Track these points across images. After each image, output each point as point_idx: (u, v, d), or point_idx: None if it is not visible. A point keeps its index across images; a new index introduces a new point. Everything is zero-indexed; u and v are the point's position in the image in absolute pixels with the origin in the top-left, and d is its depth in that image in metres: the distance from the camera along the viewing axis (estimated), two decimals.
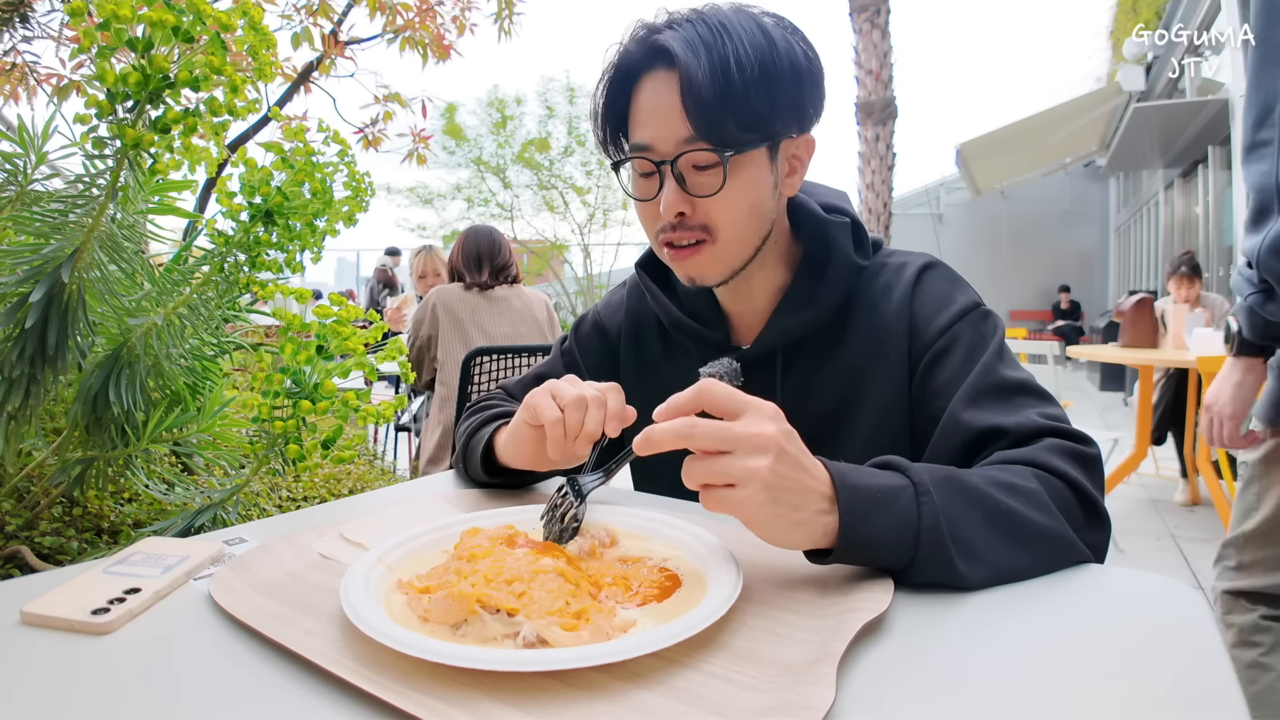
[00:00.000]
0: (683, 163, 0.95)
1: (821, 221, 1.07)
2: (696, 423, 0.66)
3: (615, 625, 0.61)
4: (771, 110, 0.94)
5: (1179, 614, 0.65)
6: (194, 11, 0.99)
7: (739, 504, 0.65)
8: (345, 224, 1.26)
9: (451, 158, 13.83)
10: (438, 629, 0.61)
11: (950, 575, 0.69)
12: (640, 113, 0.97)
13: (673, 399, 0.69)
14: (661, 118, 0.94)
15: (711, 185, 0.95)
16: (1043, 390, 0.95)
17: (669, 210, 0.96)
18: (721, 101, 0.91)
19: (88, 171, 1.05)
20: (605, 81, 1.00)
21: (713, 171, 0.95)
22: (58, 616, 0.63)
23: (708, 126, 0.92)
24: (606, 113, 1.01)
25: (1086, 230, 17.04)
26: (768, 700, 0.51)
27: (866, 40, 8.42)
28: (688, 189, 0.96)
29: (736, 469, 0.65)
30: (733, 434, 0.66)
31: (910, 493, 0.72)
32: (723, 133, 0.93)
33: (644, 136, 0.97)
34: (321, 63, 3.12)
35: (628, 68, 0.98)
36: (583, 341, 1.28)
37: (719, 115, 0.91)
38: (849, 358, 1.05)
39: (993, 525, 0.72)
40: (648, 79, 0.96)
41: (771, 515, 0.66)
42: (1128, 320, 4.86)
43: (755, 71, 0.91)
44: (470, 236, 3.44)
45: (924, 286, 1.05)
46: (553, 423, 0.89)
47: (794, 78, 0.95)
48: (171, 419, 1.22)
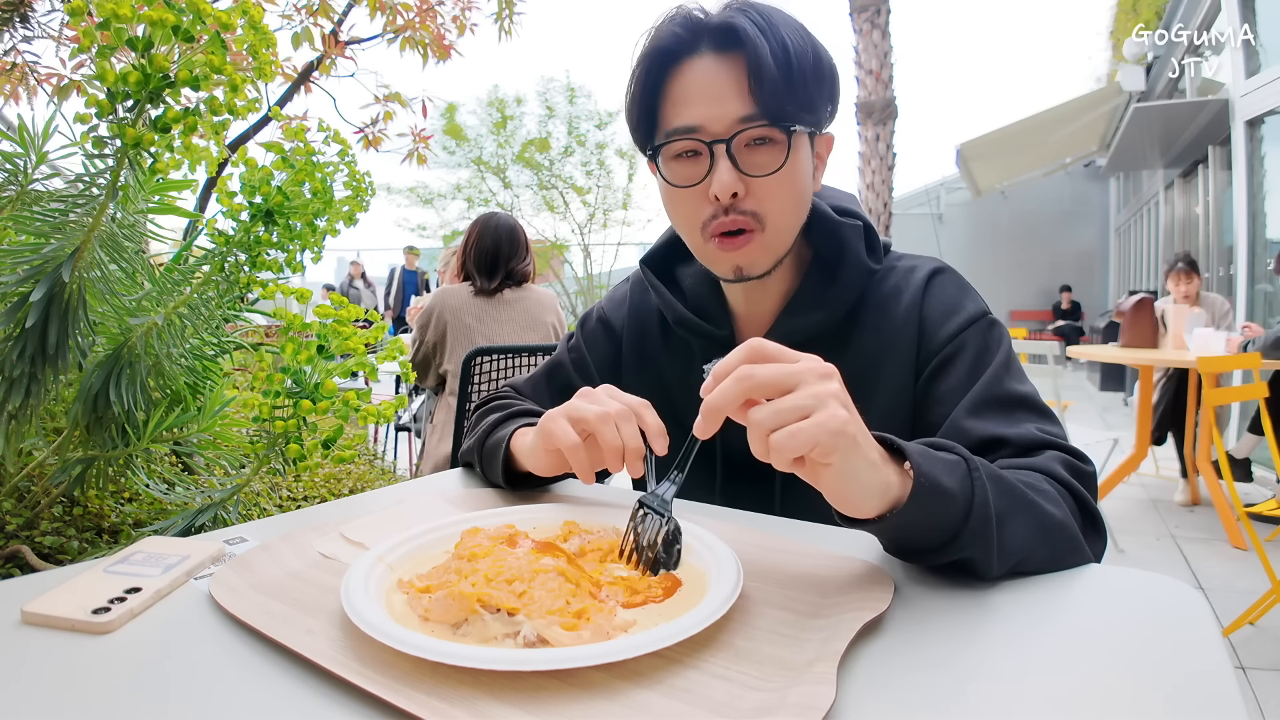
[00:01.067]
0: (737, 142, 0.94)
1: (834, 223, 1.06)
2: (755, 367, 0.64)
3: (615, 625, 0.61)
4: (818, 97, 0.96)
5: (1179, 614, 0.65)
6: (194, 11, 0.99)
7: (819, 426, 0.61)
8: (346, 223, 1.26)
9: (452, 158, 13.82)
10: (438, 628, 0.61)
11: (985, 554, 0.69)
12: (686, 94, 0.96)
13: (719, 365, 0.67)
14: (715, 96, 0.93)
15: (769, 164, 0.94)
16: (1045, 407, 0.96)
17: (725, 190, 0.93)
18: (785, 82, 0.91)
19: (88, 171, 1.05)
20: (643, 65, 0.98)
21: (768, 150, 0.95)
22: (58, 616, 0.63)
23: (775, 104, 0.92)
24: (643, 98, 0.99)
25: (1087, 230, 17.03)
26: (768, 699, 0.51)
27: (867, 40, 8.42)
28: (742, 169, 0.94)
29: (808, 396, 0.62)
30: (795, 369, 0.64)
31: (964, 466, 0.72)
32: (784, 112, 0.93)
33: (692, 117, 0.95)
34: (322, 62, 3.12)
35: (669, 50, 0.96)
36: (589, 338, 1.27)
37: (784, 95, 0.92)
38: (856, 359, 1.04)
39: (1020, 515, 0.73)
40: (693, 61, 0.95)
41: (853, 437, 0.63)
42: (1128, 320, 4.86)
43: (809, 63, 0.93)
44: (489, 230, 3.13)
45: (934, 291, 1.05)
46: (572, 448, 0.83)
47: (830, 72, 0.97)
48: (172, 419, 1.22)
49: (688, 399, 1.12)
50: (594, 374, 1.23)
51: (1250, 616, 2.85)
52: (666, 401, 1.15)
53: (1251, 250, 6.76)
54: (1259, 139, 6.81)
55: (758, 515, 0.94)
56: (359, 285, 12.57)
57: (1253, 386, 3.08)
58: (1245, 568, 3.51)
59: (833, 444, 0.62)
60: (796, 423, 0.62)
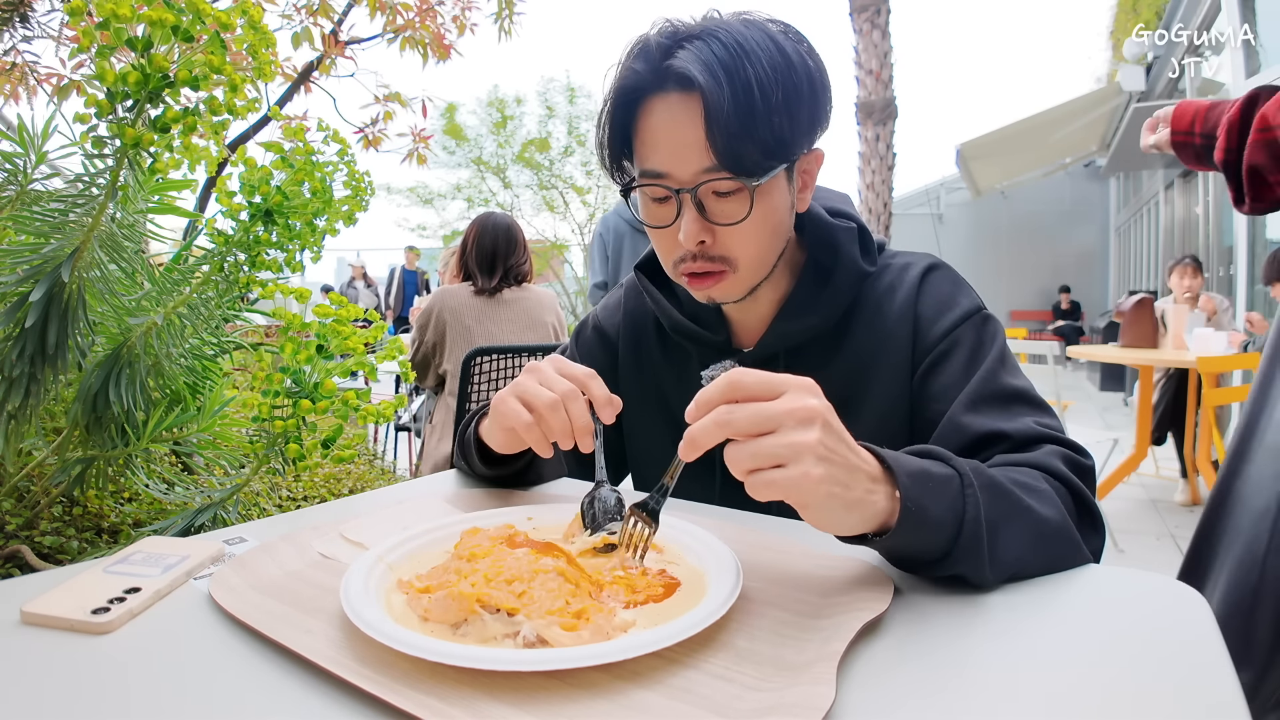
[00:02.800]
0: (703, 191, 0.92)
1: (828, 227, 1.06)
2: (735, 408, 0.63)
3: (615, 625, 0.61)
4: (793, 133, 0.91)
5: (1179, 614, 0.65)
6: (193, 11, 0.99)
7: (792, 482, 0.62)
8: (345, 223, 1.26)
9: (451, 157, 13.83)
10: (438, 629, 0.61)
11: (977, 569, 0.69)
12: (653, 137, 0.93)
13: (702, 394, 0.66)
14: (679, 144, 0.91)
15: (735, 213, 0.92)
16: (1041, 401, 0.96)
17: (690, 239, 0.93)
18: (746, 130, 0.87)
19: (87, 171, 1.05)
20: (610, 105, 0.96)
21: (735, 199, 0.92)
22: (58, 616, 0.63)
23: (733, 156, 0.88)
24: (613, 136, 0.97)
25: (1086, 230, 17.02)
26: (768, 700, 0.51)
27: (867, 40, 8.42)
28: (709, 217, 0.93)
29: (783, 446, 0.62)
30: (774, 412, 0.63)
31: (957, 483, 0.71)
32: (747, 162, 0.89)
33: (659, 163, 0.93)
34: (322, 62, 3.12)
35: (635, 88, 0.93)
36: (584, 346, 1.26)
37: (744, 144, 0.88)
38: (852, 359, 1.04)
39: (1015, 522, 0.73)
40: (659, 100, 0.92)
41: (827, 494, 0.63)
42: (1128, 320, 4.85)
43: (779, 95, 0.88)
44: (487, 230, 3.13)
45: (928, 288, 1.04)
46: (526, 426, 0.85)
47: (810, 94, 0.92)
48: (172, 418, 1.22)
49: (684, 401, 1.11)
50: None
51: None
52: (664, 406, 1.16)
53: (1251, 250, 6.76)
54: None
55: (757, 515, 0.94)
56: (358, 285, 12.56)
57: None
58: None
59: (805, 500, 0.63)
60: (771, 470, 0.62)
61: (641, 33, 0.95)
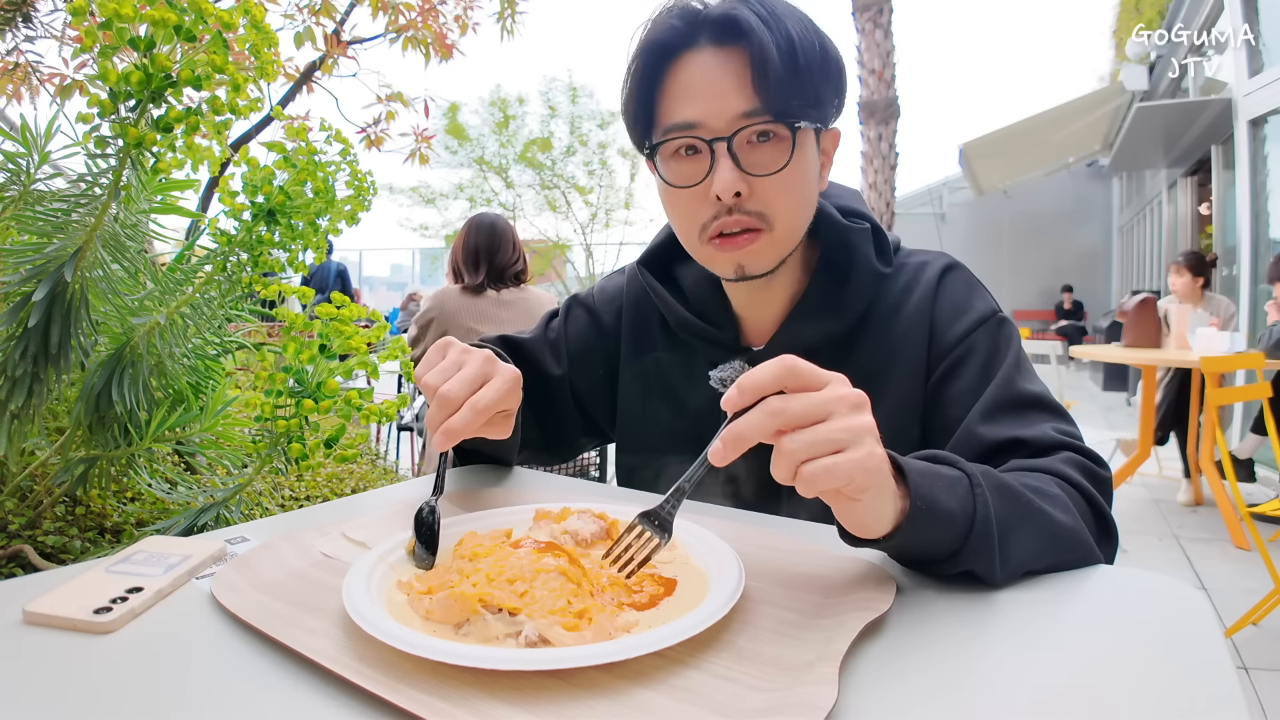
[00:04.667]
0: (739, 139, 0.90)
1: (842, 228, 1.04)
2: (786, 398, 0.61)
3: (617, 625, 0.61)
4: (824, 92, 0.92)
5: (1182, 614, 0.65)
6: (196, 10, 0.99)
7: (856, 464, 0.60)
8: (348, 223, 1.26)
9: (454, 157, 13.83)
10: (440, 628, 0.61)
11: (987, 568, 0.68)
12: (685, 89, 0.92)
13: (747, 379, 0.62)
14: (716, 91, 0.90)
15: (774, 162, 0.91)
16: (1059, 406, 0.94)
17: (727, 190, 0.90)
18: (790, 76, 0.88)
19: (90, 171, 1.05)
20: (639, 59, 0.94)
21: (773, 146, 0.91)
22: (60, 615, 0.63)
23: (779, 98, 0.88)
24: (640, 93, 0.95)
25: (1089, 230, 17.01)
26: (770, 700, 0.51)
27: (869, 40, 8.41)
28: (745, 168, 0.90)
29: (842, 430, 0.60)
30: (827, 399, 0.61)
31: (966, 484, 0.71)
32: (789, 107, 0.89)
33: (691, 113, 0.91)
34: (324, 62, 3.13)
35: (666, 43, 0.92)
36: (573, 325, 1.23)
37: (789, 89, 0.88)
38: (867, 361, 1.03)
39: (1026, 525, 0.72)
40: (692, 55, 0.92)
41: (885, 482, 0.62)
42: (1131, 320, 4.85)
43: (816, 55, 0.90)
44: (471, 229, 3.17)
45: (943, 291, 1.03)
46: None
47: (837, 67, 0.94)
48: (174, 418, 1.22)
49: (691, 399, 1.11)
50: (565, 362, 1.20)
51: (1253, 617, 2.85)
52: (672, 398, 1.14)
53: (1255, 250, 6.75)
54: (1262, 139, 6.79)
55: (759, 515, 0.94)
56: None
57: (1256, 386, 3.08)
58: (1248, 568, 3.51)
59: (868, 482, 0.61)
60: (831, 456, 0.60)
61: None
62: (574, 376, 1.21)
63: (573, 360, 1.21)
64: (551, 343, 1.23)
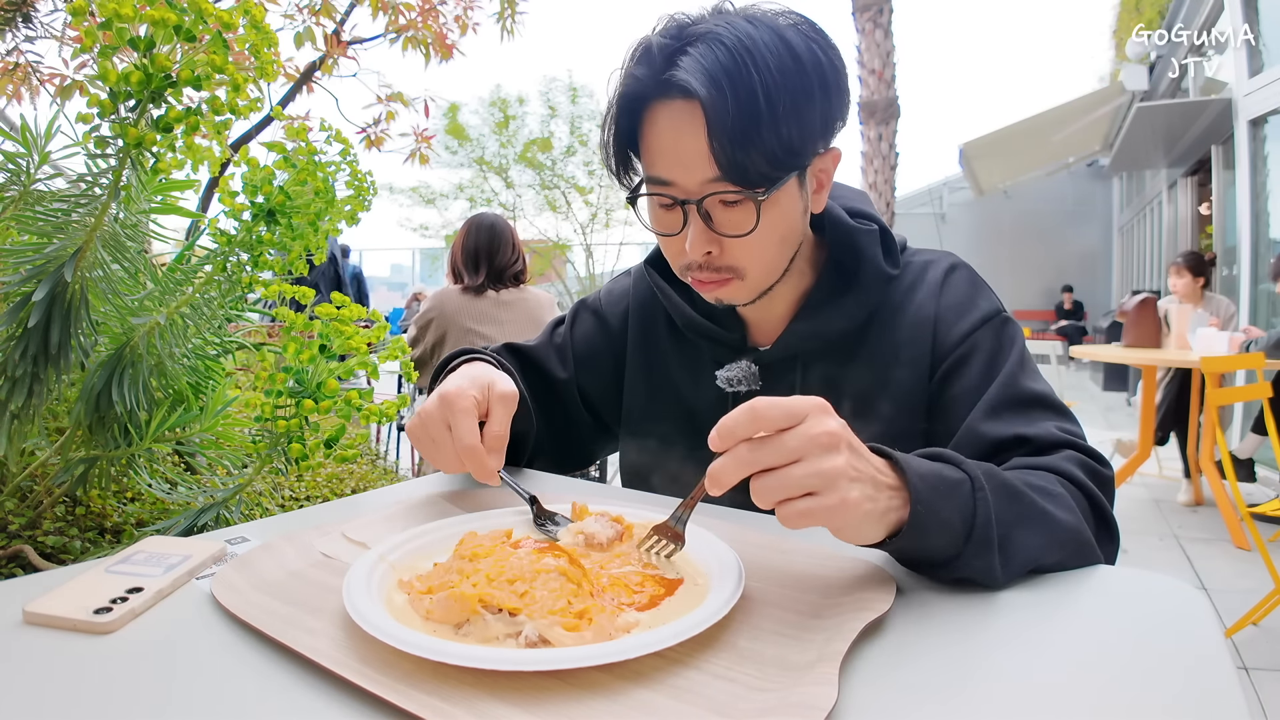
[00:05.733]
0: (709, 202, 0.89)
1: (850, 230, 1.03)
2: (758, 445, 0.63)
3: (618, 625, 0.61)
4: (803, 139, 0.88)
5: (1182, 614, 0.65)
6: (196, 10, 0.99)
7: (829, 510, 0.62)
8: (348, 223, 1.26)
9: (454, 157, 13.82)
10: (440, 628, 0.61)
11: (988, 572, 0.69)
12: (658, 145, 0.90)
13: (723, 424, 0.63)
14: (683, 155, 0.88)
15: (742, 224, 0.90)
16: (1062, 405, 0.95)
17: (696, 250, 0.91)
18: (751, 141, 0.83)
19: (90, 171, 1.05)
20: (613, 111, 0.93)
21: (741, 209, 0.90)
22: (60, 616, 0.63)
23: (737, 169, 0.85)
24: (617, 142, 0.95)
25: (1089, 230, 17.00)
26: (770, 700, 0.51)
27: (869, 40, 8.42)
28: (715, 228, 0.91)
29: (814, 475, 0.61)
30: (799, 441, 0.62)
31: (968, 486, 0.71)
32: (753, 173, 0.86)
33: (665, 171, 0.90)
34: (324, 62, 3.13)
35: (637, 95, 0.91)
36: (580, 329, 1.23)
37: (749, 155, 0.84)
38: (871, 360, 1.03)
39: (1029, 525, 0.73)
40: (662, 107, 0.89)
41: (864, 513, 0.63)
42: (1131, 320, 4.85)
43: (787, 102, 0.84)
44: (470, 230, 3.17)
45: (948, 291, 1.03)
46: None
47: (823, 94, 0.88)
48: (174, 418, 1.22)
49: (698, 399, 1.12)
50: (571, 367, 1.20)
51: (1253, 617, 2.85)
52: (677, 399, 1.14)
53: (1255, 250, 6.75)
54: (1262, 139, 6.79)
55: (758, 515, 0.94)
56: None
57: (1256, 386, 3.08)
58: (1248, 568, 3.51)
59: (843, 523, 0.64)
60: (804, 500, 0.62)
61: (644, 34, 0.91)
62: (582, 380, 1.21)
63: (580, 363, 1.21)
64: (558, 347, 1.23)
